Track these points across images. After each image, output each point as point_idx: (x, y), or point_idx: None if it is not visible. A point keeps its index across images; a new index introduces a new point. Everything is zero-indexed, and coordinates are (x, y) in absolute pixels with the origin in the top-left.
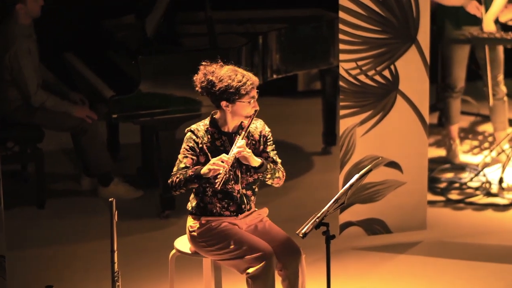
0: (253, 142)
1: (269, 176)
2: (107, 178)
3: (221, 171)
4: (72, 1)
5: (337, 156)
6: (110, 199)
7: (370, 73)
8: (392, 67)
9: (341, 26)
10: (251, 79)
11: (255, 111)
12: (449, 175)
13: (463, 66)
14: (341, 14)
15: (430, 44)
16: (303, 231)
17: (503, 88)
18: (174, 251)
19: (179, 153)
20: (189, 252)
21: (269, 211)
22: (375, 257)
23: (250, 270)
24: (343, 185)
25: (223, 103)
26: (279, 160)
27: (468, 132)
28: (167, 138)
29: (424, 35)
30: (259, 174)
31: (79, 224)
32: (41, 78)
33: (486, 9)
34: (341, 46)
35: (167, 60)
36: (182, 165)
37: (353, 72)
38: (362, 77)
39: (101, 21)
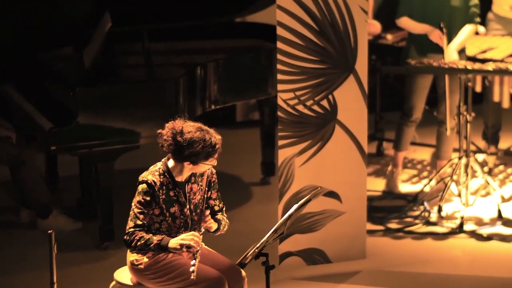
0: (201, 188)
1: (220, 233)
2: (45, 211)
3: (197, 255)
4: (7, 32)
5: (275, 186)
6: (49, 231)
7: (308, 103)
8: (330, 97)
9: (279, 57)
10: (218, 143)
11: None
12: (388, 204)
13: (423, 96)
14: (279, 45)
15: (368, 74)
16: (242, 261)
17: (455, 118)
18: (114, 282)
19: (118, 185)
20: (130, 283)
21: (209, 242)
22: (315, 287)
23: None
24: (282, 215)
25: (186, 163)
26: (223, 207)
27: (407, 161)
28: (106, 169)
29: (362, 64)
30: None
31: (18, 256)
32: None
33: (449, 39)
34: (279, 76)
35: (105, 91)
36: (139, 222)
37: (291, 102)
38: (300, 107)
39: (38, 52)
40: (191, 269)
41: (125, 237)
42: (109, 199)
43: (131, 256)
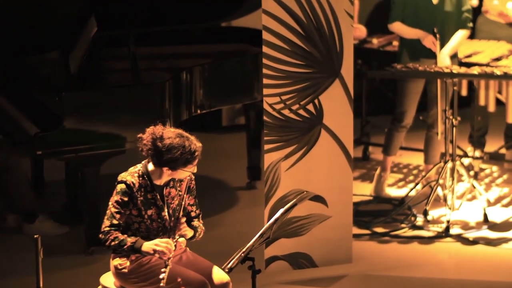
0: (180, 193)
1: (196, 239)
2: (31, 215)
3: (167, 263)
4: None
5: (262, 191)
6: (35, 236)
7: (294, 107)
8: (316, 101)
9: (265, 61)
10: (198, 150)
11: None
12: (374, 208)
13: (414, 101)
14: (265, 49)
15: (354, 78)
16: (228, 266)
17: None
18: (100, 287)
19: (104, 189)
20: None
21: (194, 246)
22: None
23: None
24: (268, 220)
25: (165, 168)
26: (200, 214)
27: (393, 165)
28: (92, 174)
29: (347, 69)
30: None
31: (4, 260)
32: None
33: (442, 44)
34: (265, 81)
35: (91, 96)
36: (115, 222)
37: (277, 107)
38: (286, 112)
39: (24, 57)
40: (161, 276)
41: (100, 235)
42: (95, 203)
43: (115, 261)
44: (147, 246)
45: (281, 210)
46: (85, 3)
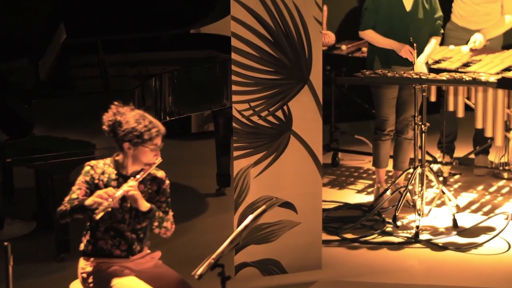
0: (149, 191)
1: (156, 224)
2: (0, 222)
3: (105, 204)
4: None
5: (231, 197)
6: (5, 244)
7: (263, 114)
8: (285, 107)
9: (234, 68)
10: (158, 127)
11: (158, 160)
12: (344, 214)
13: (392, 107)
14: (234, 56)
15: (323, 84)
16: (198, 272)
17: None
18: None
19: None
20: None
21: (164, 253)
22: None
23: None
24: (238, 226)
25: (126, 145)
26: (171, 213)
27: (362, 172)
28: (62, 181)
29: (316, 75)
30: (146, 220)
31: None
32: None
33: (417, 52)
34: (234, 87)
35: (61, 103)
36: (74, 196)
37: (246, 113)
38: (255, 118)
39: None
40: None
41: (57, 209)
42: None
43: (80, 263)
44: (89, 200)
45: (251, 217)
46: (54, 10)
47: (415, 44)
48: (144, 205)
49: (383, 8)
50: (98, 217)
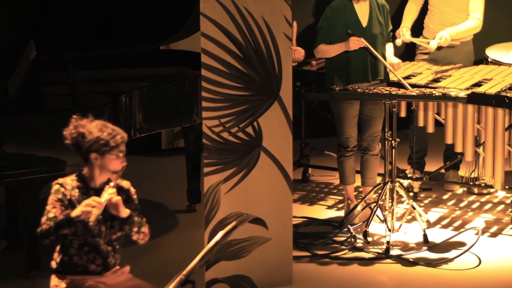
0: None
1: (136, 229)
2: None
3: (95, 212)
4: None
5: (202, 214)
6: None
7: (233, 130)
8: (255, 123)
9: (203, 84)
10: (121, 133)
11: (123, 167)
12: (314, 230)
13: (354, 124)
14: (204, 72)
15: (293, 100)
16: None
17: (379, 145)
18: None
19: (43, 213)
20: None
21: (135, 269)
22: None
23: None
24: (209, 242)
25: (93, 155)
26: (144, 218)
27: (333, 188)
28: (31, 198)
29: (286, 91)
30: (126, 227)
31: None
32: None
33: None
34: (204, 104)
35: (30, 121)
36: (51, 215)
37: (216, 130)
38: (225, 134)
39: None
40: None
41: (37, 229)
42: (35, 228)
43: (52, 281)
44: (76, 211)
45: (221, 233)
46: (24, 27)
47: (356, 33)
48: (125, 211)
49: (340, 26)
50: (93, 223)
